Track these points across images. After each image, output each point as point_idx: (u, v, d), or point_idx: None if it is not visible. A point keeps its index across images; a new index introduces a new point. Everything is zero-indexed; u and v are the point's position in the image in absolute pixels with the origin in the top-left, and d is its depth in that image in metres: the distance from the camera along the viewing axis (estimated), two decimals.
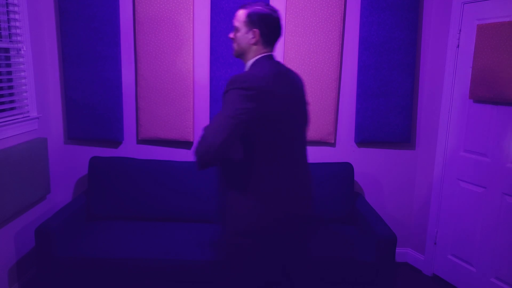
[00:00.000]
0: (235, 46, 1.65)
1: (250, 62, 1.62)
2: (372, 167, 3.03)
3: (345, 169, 2.81)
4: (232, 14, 2.73)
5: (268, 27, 1.59)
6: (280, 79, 1.55)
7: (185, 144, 2.94)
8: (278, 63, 1.63)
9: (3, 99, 2.30)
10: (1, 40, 2.32)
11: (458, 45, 2.62)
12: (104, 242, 2.38)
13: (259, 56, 1.60)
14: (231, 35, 1.66)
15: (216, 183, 2.76)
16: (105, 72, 2.76)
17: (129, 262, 2.26)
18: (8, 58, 2.41)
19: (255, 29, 1.58)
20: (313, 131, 2.91)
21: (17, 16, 2.42)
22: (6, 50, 2.39)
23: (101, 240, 2.40)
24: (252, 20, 1.57)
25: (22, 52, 2.48)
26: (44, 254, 2.25)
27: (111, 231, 2.53)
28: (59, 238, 2.29)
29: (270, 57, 1.62)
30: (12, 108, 2.48)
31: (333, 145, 2.99)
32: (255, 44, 1.59)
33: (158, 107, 2.82)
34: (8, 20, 2.38)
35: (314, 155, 3.00)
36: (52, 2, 2.73)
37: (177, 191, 2.71)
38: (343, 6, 2.77)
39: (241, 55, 1.66)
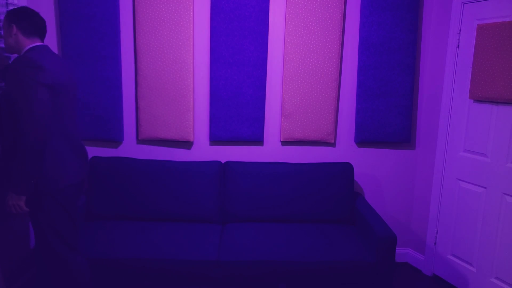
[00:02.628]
0: (4, 43, 1.91)
1: (24, 50, 1.87)
2: (372, 167, 3.03)
3: (345, 169, 2.81)
4: (232, 14, 2.74)
5: (22, 20, 1.86)
6: (55, 62, 1.86)
7: (185, 144, 2.94)
8: (53, 52, 1.92)
9: None
10: (1, 40, 2.32)
11: (458, 45, 2.62)
12: (103, 242, 2.37)
13: (33, 45, 1.87)
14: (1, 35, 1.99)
15: (214, 183, 2.76)
16: (105, 72, 2.76)
17: (128, 262, 2.26)
18: (8, 58, 2.40)
19: (12, 24, 1.85)
20: (313, 131, 2.91)
21: None
22: None
23: (101, 240, 2.40)
24: (10, 18, 1.86)
25: None
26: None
27: (111, 231, 2.53)
28: None
29: (46, 47, 1.90)
30: None
31: (333, 145, 2.99)
32: (16, 36, 1.86)
33: (158, 107, 2.82)
34: None
35: (314, 155, 3.00)
36: (52, 2, 2.73)
37: (177, 191, 2.71)
38: (343, 6, 2.78)
39: (11, 50, 1.91)
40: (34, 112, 1.71)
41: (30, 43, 1.88)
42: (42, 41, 1.94)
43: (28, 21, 1.88)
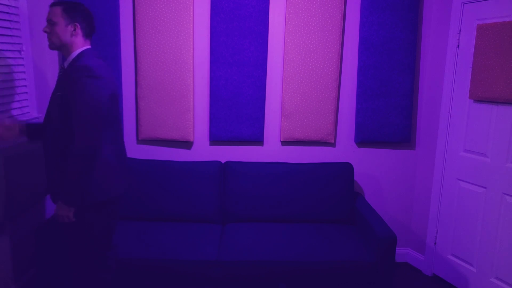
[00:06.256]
0: (53, 39, 1.78)
1: (74, 54, 1.80)
2: (372, 167, 3.03)
3: (345, 169, 2.81)
4: (232, 14, 2.74)
5: (86, 20, 1.80)
6: (108, 69, 1.82)
7: (185, 144, 2.94)
8: (100, 57, 1.85)
9: (3, 100, 2.30)
10: (1, 40, 2.32)
11: (458, 45, 2.62)
12: None
13: (83, 48, 1.81)
14: (47, 29, 1.77)
15: (214, 183, 2.76)
16: None
17: (128, 262, 2.26)
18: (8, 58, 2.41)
19: (76, 23, 1.77)
20: (313, 131, 2.91)
21: (17, 17, 2.42)
22: (6, 50, 2.38)
23: None
24: (73, 16, 1.76)
25: (22, 52, 2.48)
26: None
27: None
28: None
29: (94, 52, 1.84)
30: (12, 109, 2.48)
31: (333, 145, 3.00)
32: (75, 36, 1.78)
33: (158, 107, 2.82)
34: (8, 21, 2.38)
35: (314, 155, 3.00)
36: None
37: (177, 191, 2.71)
38: (343, 6, 2.78)
39: (60, 48, 1.81)
40: (92, 120, 1.68)
41: (83, 45, 1.82)
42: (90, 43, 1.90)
43: (90, 21, 1.83)
